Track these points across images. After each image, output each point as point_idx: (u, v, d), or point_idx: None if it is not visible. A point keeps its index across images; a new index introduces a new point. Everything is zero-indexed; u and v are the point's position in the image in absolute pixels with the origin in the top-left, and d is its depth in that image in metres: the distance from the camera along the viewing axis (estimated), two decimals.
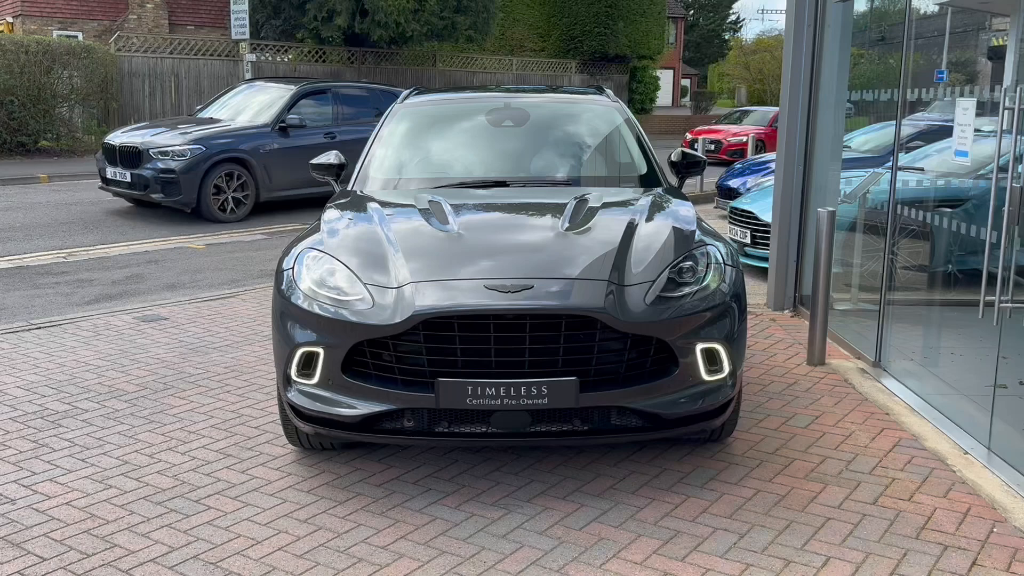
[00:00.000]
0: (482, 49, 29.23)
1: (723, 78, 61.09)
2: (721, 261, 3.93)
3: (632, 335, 3.53)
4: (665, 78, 47.14)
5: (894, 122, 8.58)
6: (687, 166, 5.22)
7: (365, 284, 3.67)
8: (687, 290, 3.72)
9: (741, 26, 70.94)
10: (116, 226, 11.04)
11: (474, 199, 4.58)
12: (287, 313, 3.78)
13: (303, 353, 3.68)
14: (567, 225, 3.99)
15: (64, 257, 9.25)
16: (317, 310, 3.67)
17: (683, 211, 4.37)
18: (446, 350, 3.49)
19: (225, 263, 9.09)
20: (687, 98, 54.00)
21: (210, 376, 5.34)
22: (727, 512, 3.61)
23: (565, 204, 4.25)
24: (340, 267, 3.79)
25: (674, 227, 4.12)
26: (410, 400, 3.53)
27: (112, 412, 4.75)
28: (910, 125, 8.69)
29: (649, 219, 4.16)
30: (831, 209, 5.42)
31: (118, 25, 25.28)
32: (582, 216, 4.11)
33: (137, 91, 20.18)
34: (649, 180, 5.00)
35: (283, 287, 3.88)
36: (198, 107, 14.18)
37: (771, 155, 12.63)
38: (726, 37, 69.25)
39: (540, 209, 4.45)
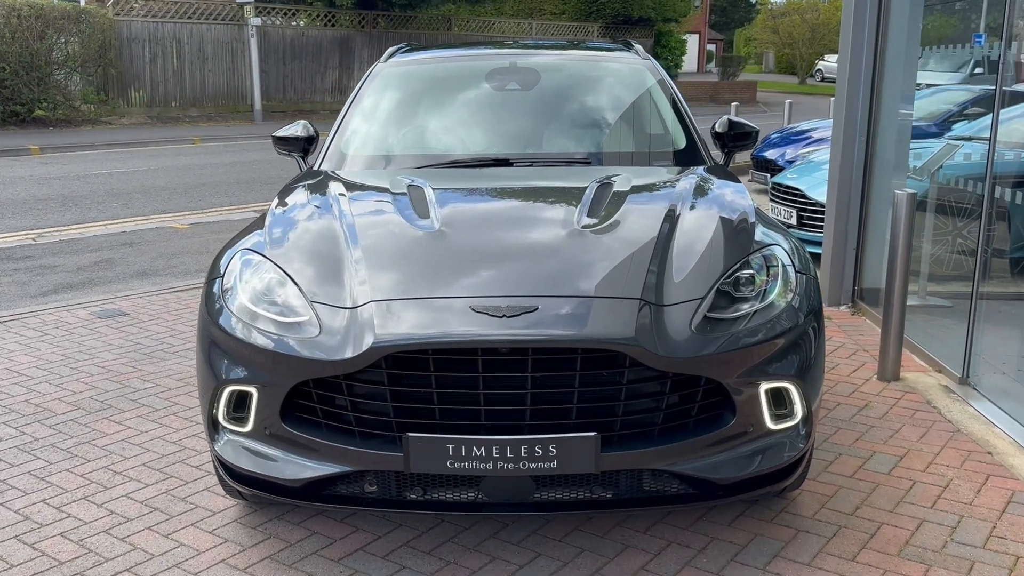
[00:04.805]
0: (500, 12, 27.97)
1: (750, 43, 59.31)
2: (790, 265, 2.96)
3: (673, 374, 2.58)
4: (690, 43, 45.57)
5: (948, 87, 7.54)
6: (735, 138, 4.20)
7: (310, 301, 2.73)
8: (746, 308, 2.76)
9: None
10: (97, 203, 10.18)
11: (466, 182, 3.62)
12: (212, 338, 2.86)
13: (232, 392, 2.77)
14: (585, 219, 3.03)
15: (33, 239, 8.40)
16: (251, 337, 2.74)
17: (735, 197, 3.39)
18: (418, 395, 2.56)
19: (208, 245, 8.19)
20: (713, 64, 52.34)
21: (158, 392, 4.46)
22: None
23: (583, 189, 3.29)
24: (280, 277, 2.86)
25: (726, 220, 3.15)
26: (371, 460, 2.61)
27: (29, 442, 3.88)
28: (964, 90, 7.63)
29: (693, 209, 3.19)
30: (911, 191, 4.41)
31: None
32: (605, 206, 3.14)
33: (137, 57, 19.24)
34: (689, 157, 4.01)
35: (210, 301, 2.96)
36: None
37: (811, 123, 11.55)
38: (753, 1, 67.30)
39: (550, 196, 3.49)
